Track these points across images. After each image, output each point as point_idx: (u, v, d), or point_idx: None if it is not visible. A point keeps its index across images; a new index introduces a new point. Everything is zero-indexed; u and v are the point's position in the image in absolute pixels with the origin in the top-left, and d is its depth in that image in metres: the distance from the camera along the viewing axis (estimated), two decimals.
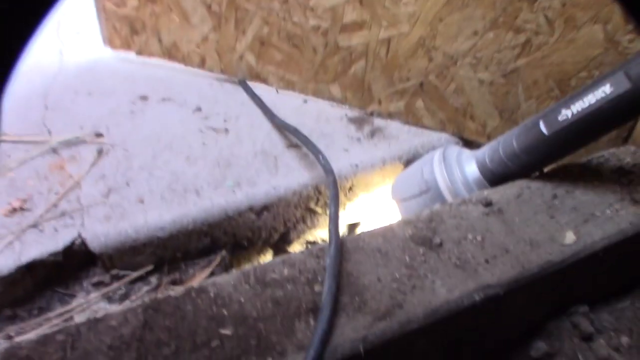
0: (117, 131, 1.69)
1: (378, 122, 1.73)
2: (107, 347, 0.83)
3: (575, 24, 1.29)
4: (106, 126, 1.71)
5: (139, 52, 2.10)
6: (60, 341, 0.84)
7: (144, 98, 1.88)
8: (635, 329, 1.12)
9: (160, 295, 0.91)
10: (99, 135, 1.65)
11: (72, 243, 1.27)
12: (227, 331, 0.84)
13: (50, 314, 1.24)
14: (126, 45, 2.11)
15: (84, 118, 1.76)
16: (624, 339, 1.09)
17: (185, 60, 2.01)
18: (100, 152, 1.56)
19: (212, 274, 1.36)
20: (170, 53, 2.02)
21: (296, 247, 1.56)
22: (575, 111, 1.09)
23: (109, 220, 1.32)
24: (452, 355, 1.08)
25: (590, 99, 1.06)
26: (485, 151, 1.28)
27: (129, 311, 0.88)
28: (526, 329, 1.13)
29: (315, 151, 1.44)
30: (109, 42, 2.14)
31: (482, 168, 1.27)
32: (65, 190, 1.41)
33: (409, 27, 1.51)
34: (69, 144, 1.61)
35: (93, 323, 0.86)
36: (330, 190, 1.24)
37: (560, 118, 1.11)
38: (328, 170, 1.33)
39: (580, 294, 1.14)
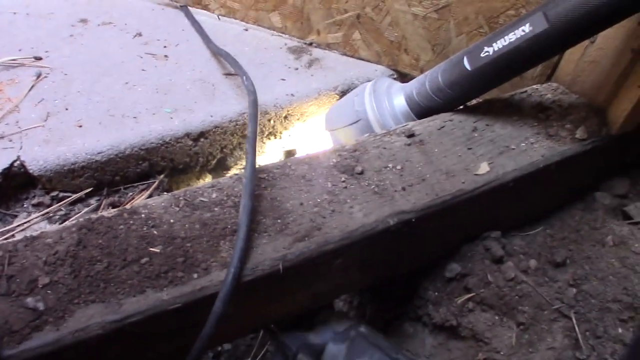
0: (57, 55, 1.68)
1: (317, 52, 1.76)
2: (43, 262, 0.88)
3: None
4: (45, 49, 1.70)
5: None
6: None
7: (83, 21, 1.86)
8: (543, 253, 1.21)
9: (94, 215, 0.96)
10: (37, 58, 1.64)
11: (11, 165, 1.30)
12: (156, 249, 0.90)
13: None
14: None
15: (22, 40, 1.73)
16: (532, 262, 1.18)
17: None
18: (39, 76, 1.56)
19: (150, 196, 1.40)
20: None
21: (234, 173, 1.61)
22: (496, 48, 1.14)
23: (47, 144, 1.34)
24: (371, 274, 1.16)
25: (510, 37, 1.11)
26: (413, 85, 1.32)
27: (64, 230, 0.93)
28: (442, 252, 1.22)
29: (241, 73, 1.45)
30: None
31: (410, 101, 1.32)
32: (4, 114, 1.42)
33: None
34: (8, 66, 1.60)
35: (29, 240, 0.91)
36: (249, 110, 1.26)
37: (482, 54, 1.16)
38: (250, 90, 1.35)
39: (495, 221, 1.22)
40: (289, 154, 1.69)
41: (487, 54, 1.15)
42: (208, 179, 1.58)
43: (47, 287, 0.85)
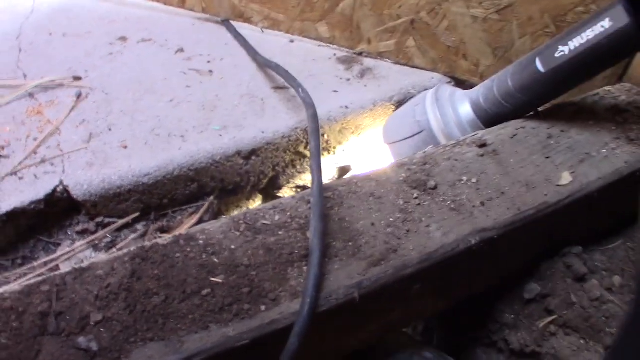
0: (96, 74, 1.62)
1: (368, 62, 1.68)
2: (94, 297, 0.81)
3: None
4: (84, 69, 1.64)
5: None
6: (46, 291, 0.81)
7: (122, 39, 1.81)
8: (627, 268, 1.11)
9: (147, 243, 0.88)
10: (77, 78, 1.59)
11: (54, 191, 1.24)
12: (218, 279, 0.82)
13: (35, 263, 1.22)
14: None
15: (60, 60, 1.69)
16: (616, 279, 1.08)
17: None
18: (79, 96, 1.51)
19: (200, 220, 1.33)
20: None
21: (286, 192, 1.54)
22: (573, 47, 1.05)
23: (91, 167, 1.28)
24: (447, 298, 1.07)
25: (588, 34, 1.03)
26: (479, 91, 1.24)
27: (116, 260, 0.86)
28: (520, 271, 1.13)
29: (296, 85, 1.38)
30: None
31: (476, 108, 1.24)
32: (45, 136, 1.36)
33: None
34: (46, 88, 1.55)
35: (79, 273, 0.84)
36: (309, 124, 1.18)
37: (557, 54, 1.07)
38: (308, 103, 1.26)
39: (574, 234, 1.13)
40: (343, 170, 1.61)
41: (562, 53, 1.07)
42: (259, 200, 1.51)
43: (100, 325, 0.78)
